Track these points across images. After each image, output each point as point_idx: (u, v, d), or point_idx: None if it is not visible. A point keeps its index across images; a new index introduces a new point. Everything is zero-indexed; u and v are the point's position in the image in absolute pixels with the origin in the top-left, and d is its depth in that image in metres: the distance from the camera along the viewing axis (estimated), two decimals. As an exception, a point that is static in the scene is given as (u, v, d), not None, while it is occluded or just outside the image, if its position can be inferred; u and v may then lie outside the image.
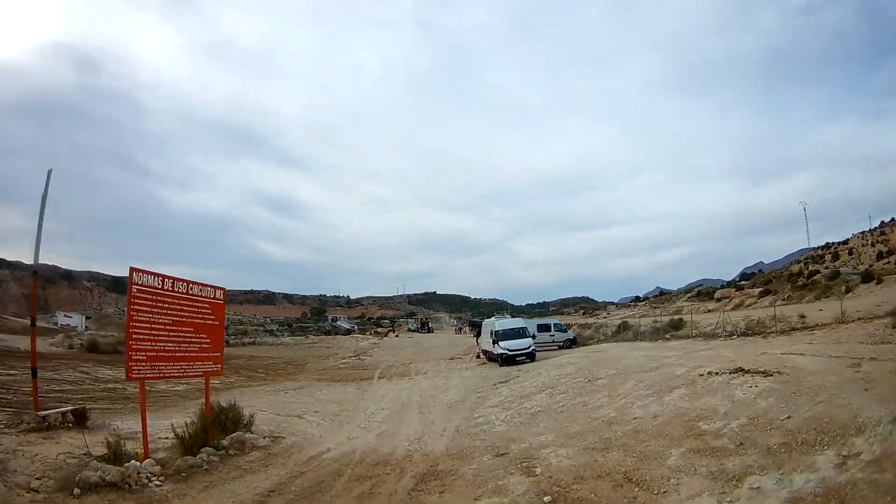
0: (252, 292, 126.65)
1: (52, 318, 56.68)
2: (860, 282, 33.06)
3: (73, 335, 35.76)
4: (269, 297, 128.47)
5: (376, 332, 63.93)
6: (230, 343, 43.25)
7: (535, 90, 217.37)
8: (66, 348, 28.34)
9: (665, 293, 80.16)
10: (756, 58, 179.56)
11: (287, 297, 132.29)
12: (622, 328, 30.05)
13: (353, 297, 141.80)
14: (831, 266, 50.72)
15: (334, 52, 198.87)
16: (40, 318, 58.53)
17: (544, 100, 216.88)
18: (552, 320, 29.58)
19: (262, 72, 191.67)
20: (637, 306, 69.84)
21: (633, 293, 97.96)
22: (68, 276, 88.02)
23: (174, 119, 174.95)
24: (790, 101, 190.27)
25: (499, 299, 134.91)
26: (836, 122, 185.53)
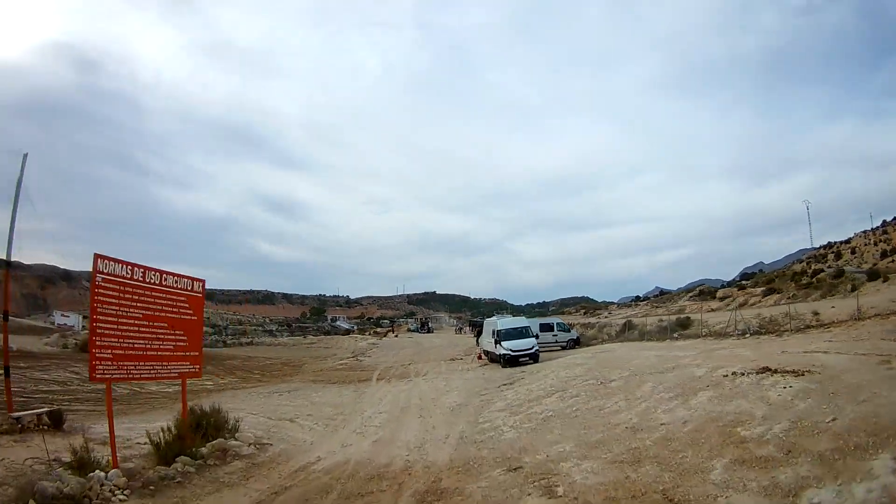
0: (251, 292, 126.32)
1: (50, 317, 56.27)
2: (866, 280, 33.03)
3: (68, 335, 35.40)
4: (268, 297, 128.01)
5: (375, 332, 63.46)
6: (227, 343, 42.84)
7: (535, 90, 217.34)
8: (61, 348, 27.97)
9: (665, 293, 79.68)
10: (756, 58, 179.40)
11: (286, 296, 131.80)
12: (627, 328, 29.53)
13: (353, 297, 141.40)
14: (834, 265, 50.65)
15: (334, 52, 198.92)
16: (38, 318, 58.41)
17: (544, 100, 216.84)
18: (555, 319, 28.58)
19: (262, 72, 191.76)
20: (638, 306, 69.36)
21: (632, 293, 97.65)
22: (67, 276, 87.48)
23: (174, 119, 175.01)
24: (790, 101, 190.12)
25: (499, 299, 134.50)
26: (836, 122, 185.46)
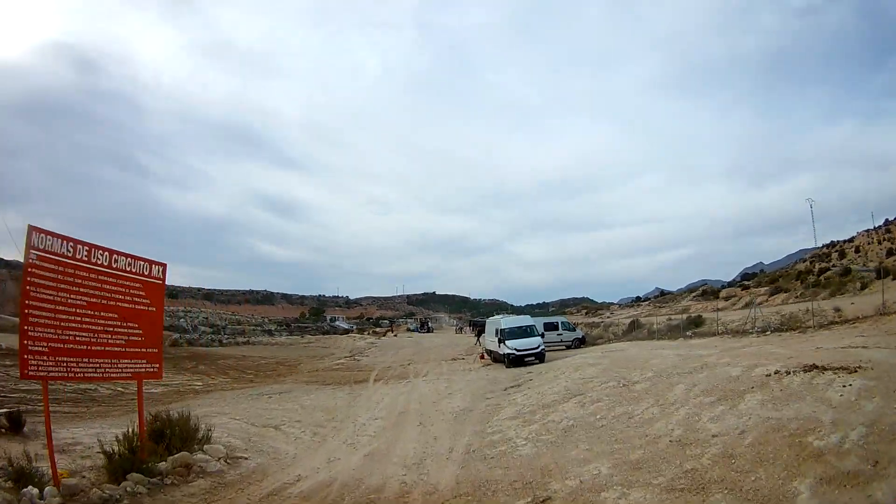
0: (250, 292, 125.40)
1: None
2: (875, 278, 33.16)
3: None
4: (267, 297, 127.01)
5: (374, 331, 62.65)
6: (223, 343, 42.02)
7: (535, 90, 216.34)
8: None
9: (666, 293, 78.99)
10: (756, 58, 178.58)
11: (286, 297, 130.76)
12: (633, 326, 28.83)
13: (353, 297, 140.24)
14: (839, 264, 50.57)
15: (334, 52, 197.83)
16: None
17: (544, 100, 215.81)
18: (560, 318, 27.63)
19: (262, 72, 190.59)
20: (640, 306, 68.67)
21: (632, 294, 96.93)
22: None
23: (174, 119, 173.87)
24: (790, 102, 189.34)
25: (498, 300, 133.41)
26: (836, 123, 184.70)
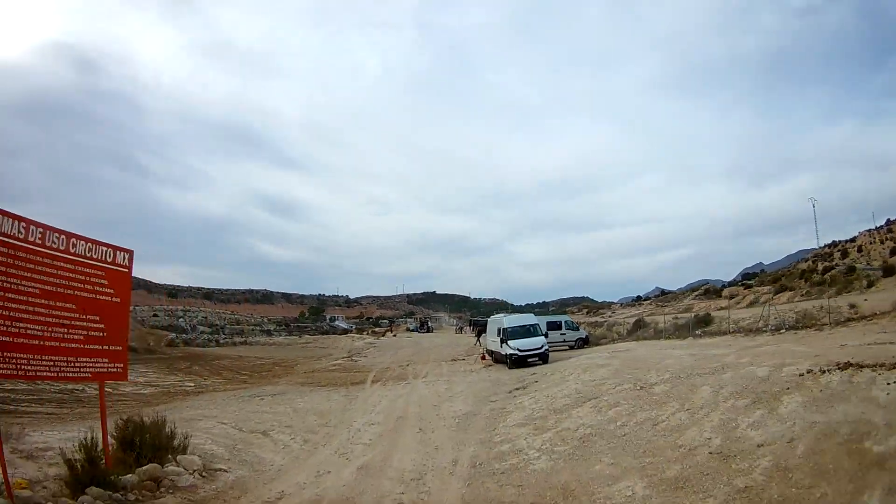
0: (250, 292, 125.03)
1: None
2: (882, 276, 34.09)
3: None
4: (266, 297, 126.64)
5: (373, 331, 62.16)
6: (220, 342, 41.53)
7: (535, 90, 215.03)
8: None
9: (666, 293, 78.66)
10: (756, 58, 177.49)
11: (285, 296, 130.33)
12: (638, 326, 28.35)
13: (353, 296, 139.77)
14: (841, 263, 50.56)
15: (334, 52, 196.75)
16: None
17: (544, 100, 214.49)
18: (563, 317, 26.73)
19: (262, 72, 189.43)
20: (642, 305, 68.33)
21: (632, 293, 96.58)
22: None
23: (174, 119, 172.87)
24: (790, 102, 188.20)
25: (498, 299, 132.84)
26: (836, 123, 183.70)
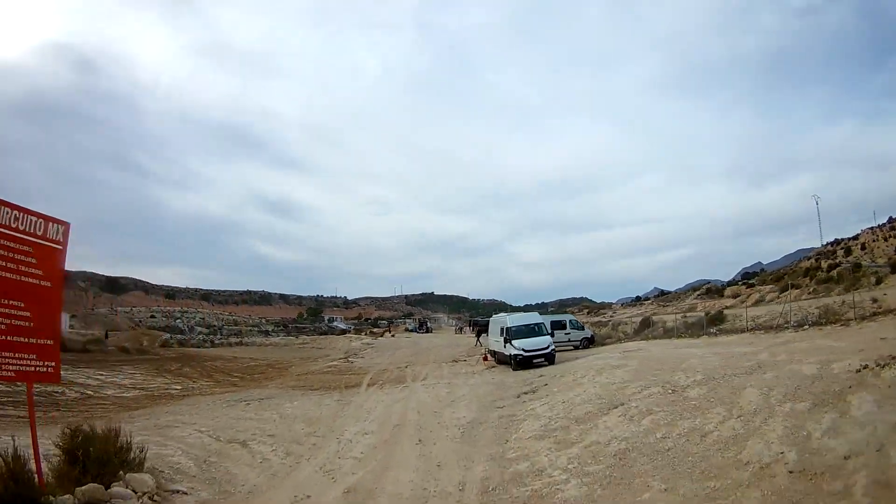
0: (248, 293, 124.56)
1: None
2: (890, 272, 34.19)
3: None
4: (265, 298, 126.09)
5: (371, 332, 61.52)
6: (215, 343, 40.81)
7: (535, 90, 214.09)
8: None
9: (665, 293, 78.32)
10: (756, 58, 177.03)
11: (283, 297, 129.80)
12: (646, 325, 27.74)
13: (351, 297, 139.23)
14: (844, 261, 50.33)
15: (334, 52, 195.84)
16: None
17: (544, 100, 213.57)
18: (568, 317, 25.86)
19: (262, 73, 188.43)
20: (643, 305, 67.89)
21: (631, 294, 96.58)
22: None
23: (173, 120, 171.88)
24: (790, 102, 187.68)
25: (497, 300, 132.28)
26: (836, 123, 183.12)
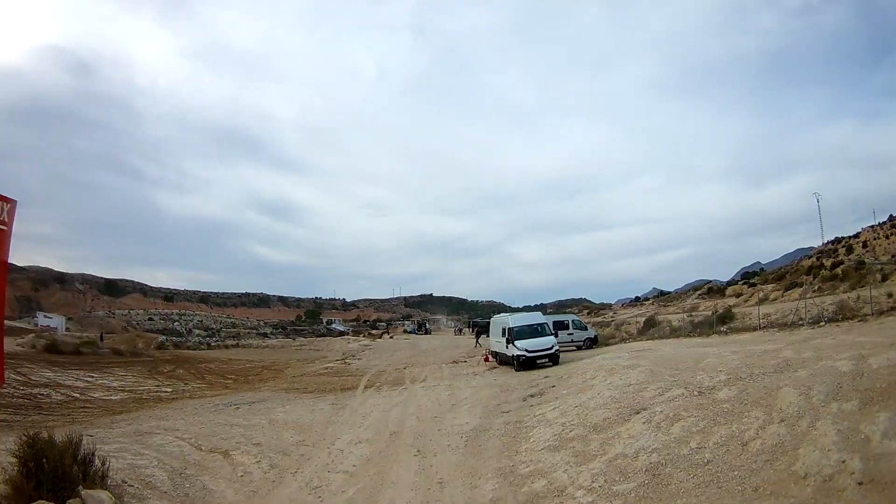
0: (246, 295, 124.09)
1: (34, 319, 54.97)
2: (895, 269, 33.86)
3: (44, 335, 33.96)
4: (263, 300, 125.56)
5: (370, 333, 61.08)
6: (211, 345, 40.36)
7: (534, 91, 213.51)
8: (30, 348, 26.63)
9: (664, 294, 78.07)
10: (755, 58, 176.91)
11: (282, 299, 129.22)
12: (650, 324, 27.37)
13: (349, 299, 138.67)
14: (846, 259, 50.25)
15: (331, 55, 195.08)
16: (23, 319, 56.48)
17: (543, 101, 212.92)
18: (571, 317, 25.48)
19: (259, 75, 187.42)
20: (643, 305, 67.60)
21: (629, 294, 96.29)
22: (61, 278, 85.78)
23: (170, 123, 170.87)
24: (789, 102, 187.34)
25: (496, 301, 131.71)
26: (835, 123, 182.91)
